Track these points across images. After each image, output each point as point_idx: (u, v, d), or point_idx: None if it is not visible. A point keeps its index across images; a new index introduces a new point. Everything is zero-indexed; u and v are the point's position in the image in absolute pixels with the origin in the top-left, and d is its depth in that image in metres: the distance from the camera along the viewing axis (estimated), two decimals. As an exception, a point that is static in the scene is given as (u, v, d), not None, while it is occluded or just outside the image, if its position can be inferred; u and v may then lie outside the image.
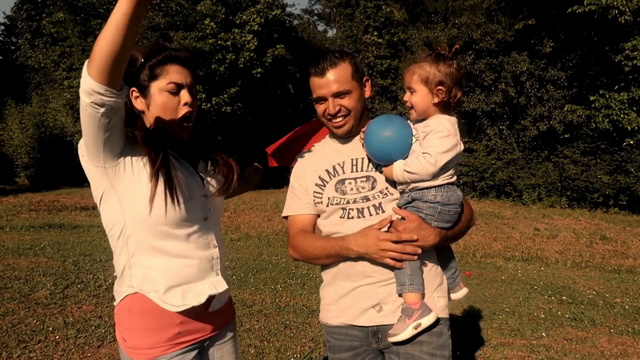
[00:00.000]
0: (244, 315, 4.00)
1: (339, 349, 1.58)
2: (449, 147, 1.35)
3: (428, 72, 1.39)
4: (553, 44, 12.80)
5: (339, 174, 1.58)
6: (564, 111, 12.59)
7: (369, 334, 1.52)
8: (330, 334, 1.60)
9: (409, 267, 1.40)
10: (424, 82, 1.40)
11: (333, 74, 1.50)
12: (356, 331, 1.53)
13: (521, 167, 13.20)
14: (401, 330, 1.38)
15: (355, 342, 1.55)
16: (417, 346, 1.44)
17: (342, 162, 1.59)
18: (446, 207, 1.40)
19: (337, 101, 1.52)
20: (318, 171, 1.61)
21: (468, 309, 4.37)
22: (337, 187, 1.56)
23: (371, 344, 1.53)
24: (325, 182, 1.59)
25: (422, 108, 1.42)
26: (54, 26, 19.20)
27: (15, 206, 11.26)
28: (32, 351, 3.13)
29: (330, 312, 1.59)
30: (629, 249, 7.60)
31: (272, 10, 17.88)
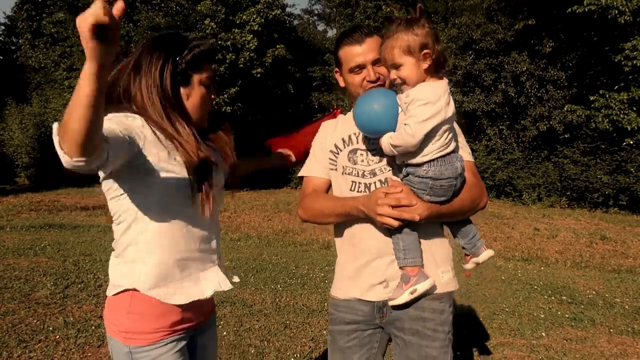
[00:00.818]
0: (244, 315, 4.01)
1: (340, 321, 1.62)
2: (428, 116, 1.28)
3: (407, 40, 1.31)
4: (553, 44, 12.81)
5: (353, 143, 1.61)
6: (564, 111, 12.59)
7: (374, 309, 1.56)
8: (336, 307, 1.64)
9: (402, 241, 1.43)
10: (407, 52, 1.32)
11: (370, 43, 1.51)
12: (362, 305, 1.57)
13: (521, 167, 13.20)
14: (398, 295, 1.43)
15: (358, 316, 1.59)
16: (420, 322, 1.50)
17: (357, 132, 1.60)
18: (438, 181, 1.35)
19: (375, 69, 1.52)
20: (335, 139, 1.65)
21: (468, 309, 4.37)
22: (349, 156, 1.59)
23: (375, 319, 1.56)
24: (339, 149, 1.63)
25: (414, 78, 1.34)
26: (54, 26, 19.22)
27: (15, 206, 11.26)
28: (33, 351, 3.13)
29: (341, 287, 1.63)
30: (628, 249, 7.60)
31: (272, 10, 17.89)
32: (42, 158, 19.64)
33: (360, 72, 1.54)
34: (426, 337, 1.49)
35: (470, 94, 13.78)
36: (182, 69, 1.36)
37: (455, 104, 1.41)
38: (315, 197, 1.62)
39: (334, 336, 1.63)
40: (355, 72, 1.54)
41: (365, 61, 1.51)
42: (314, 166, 1.69)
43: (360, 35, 1.52)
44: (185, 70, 1.36)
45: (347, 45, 1.54)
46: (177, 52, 1.36)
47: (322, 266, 5.78)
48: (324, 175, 1.67)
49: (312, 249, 7.01)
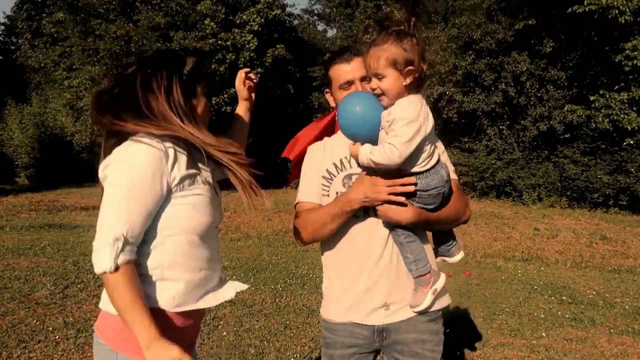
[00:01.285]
0: (244, 315, 4.00)
1: (340, 345, 1.60)
2: (412, 135, 1.30)
3: (395, 53, 1.30)
4: (553, 44, 12.80)
5: (346, 168, 1.61)
6: (564, 111, 12.59)
7: (375, 333, 1.56)
8: (332, 331, 1.62)
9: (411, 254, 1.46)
10: (392, 65, 1.31)
11: (358, 62, 1.56)
12: (362, 330, 1.56)
13: (521, 167, 13.20)
14: (422, 300, 1.45)
15: (359, 339, 1.58)
16: (420, 344, 1.54)
17: (349, 156, 1.61)
18: (426, 192, 1.38)
19: (363, 85, 1.56)
20: (326, 164, 1.64)
21: (468, 309, 4.37)
22: (344, 182, 1.59)
23: (374, 343, 1.56)
24: (332, 175, 1.62)
25: (394, 93, 1.33)
26: (54, 26, 19.21)
27: (15, 206, 11.26)
28: (32, 351, 3.13)
29: (337, 311, 1.61)
30: (629, 249, 7.60)
31: (272, 10, 17.88)
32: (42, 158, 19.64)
33: (349, 88, 1.59)
34: (425, 357, 1.54)
35: (470, 94, 13.77)
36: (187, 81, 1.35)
37: (455, 104, 1.44)
38: (308, 213, 1.61)
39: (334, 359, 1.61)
40: (344, 89, 1.59)
41: (353, 78, 1.57)
42: (309, 191, 1.65)
43: (349, 54, 1.59)
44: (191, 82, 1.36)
45: (337, 64, 1.61)
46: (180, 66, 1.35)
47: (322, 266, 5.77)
48: (317, 201, 1.64)
49: (312, 249, 7.01)
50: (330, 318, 1.63)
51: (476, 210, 11.51)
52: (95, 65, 17.33)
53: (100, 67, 17.21)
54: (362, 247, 1.54)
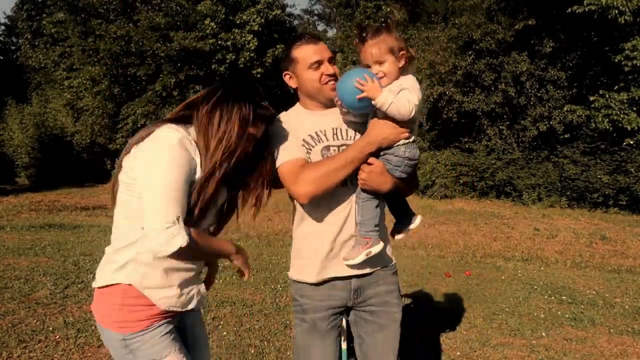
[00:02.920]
0: (244, 315, 4.01)
1: (320, 308, 1.70)
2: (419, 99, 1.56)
3: (390, 41, 1.57)
4: (553, 44, 12.79)
5: (323, 140, 1.66)
6: (564, 111, 12.58)
7: (351, 292, 1.70)
8: (309, 297, 1.71)
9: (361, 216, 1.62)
10: (390, 52, 1.56)
11: (322, 44, 1.69)
12: (339, 291, 1.70)
13: (521, 167, 13.19)
14: (356, 256, 1.61)
15: (336, 301, 1.70)
16: (389, 294, 1.76)
17: (323, 129, 1.67)
18: (411, 161, 1.62)
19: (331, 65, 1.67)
20: (301, 134, 1.66)
21: (468, 309, 4.37)
22: (323, 153, 1.64)
23: (349, 301, 1.72)
24: (311, 145, 1.66)
25: (394, 74, 1.58)
26: (54, 26, 19.21)
27: (15, 206, 11.27)
28: (32, 351, 3.14)
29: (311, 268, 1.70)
30: (628, 249, 7.60)
31: (272, 11, 17.89)
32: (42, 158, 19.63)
33: (318, 67, 1.65)
34: (393, 304, 1.77)
35: (470, 94, 13.76)
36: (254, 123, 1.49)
37: (455, 104, 1.55)
38: (311, 166, 1.59)
39: (315, 322, 1.70)
40: (314, 68, 1.64)
41: (322, 57, 1.65)
42: (294, 150, 1.63)
43: (312, 37, 1.70)
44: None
45: (304, 44, 1.67)
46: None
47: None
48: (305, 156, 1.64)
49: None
50: (305, 279, 1.71)
51: (476, 210, 11.51)
52: (95, 66, 17.33)
53: (101, 67, 17.21)
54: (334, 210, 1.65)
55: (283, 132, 1.66)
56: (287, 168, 1.60)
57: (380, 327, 1.74)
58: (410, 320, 4.08)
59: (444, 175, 13.61)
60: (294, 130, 1.67)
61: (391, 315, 1.76)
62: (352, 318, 1.79)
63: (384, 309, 1.75)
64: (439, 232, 8.96)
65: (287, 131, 1.66)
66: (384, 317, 1.74)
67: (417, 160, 1.67)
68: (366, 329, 1.76)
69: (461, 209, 11.64)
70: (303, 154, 1.63)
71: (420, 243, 7.88)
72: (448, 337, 3.68)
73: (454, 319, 4.09)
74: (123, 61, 17.07)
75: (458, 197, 13.36)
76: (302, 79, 1.69)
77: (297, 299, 1.77)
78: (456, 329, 3.87)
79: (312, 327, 1.71)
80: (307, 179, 1.55)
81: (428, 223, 9.79)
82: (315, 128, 1.67)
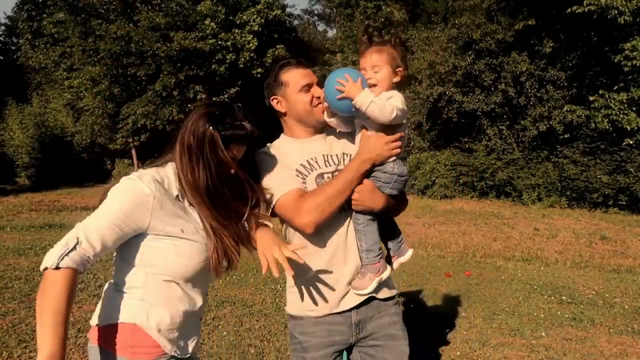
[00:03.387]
0: (244, 315, 4.01)
1: (320, 346, 1.62)
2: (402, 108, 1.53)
3: (392, 55, 1.59)
4: (553, 44, 12.79)
5: (315, 168, 1.63)
6: (564, 111, 12.58)
7: (352, 326, 1.63)
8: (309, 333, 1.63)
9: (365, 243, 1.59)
10: (389, 63, 1.57)
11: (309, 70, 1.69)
12: (340, 326, 1.62)
13: (521, 167, 13.19)
14: (367, 285, 1.57)
15: (337, 336, 1.62)
16: (393, 326, 1.68)
17: (314, 157, 1.64)
18: (400, 178, 1.60)
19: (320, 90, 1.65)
20: (293, 166, 1.63)
21: (468, 309, 4.37)
22: (317, 181, 1.61)
23: (351, 337, 1.64)
24: (304, 175, 1.62)
25: (386, 84, 1.57)
26: (54, 26, 19.21)
27: (15, 206, 11.28)
28: (33, 351, 3.14)
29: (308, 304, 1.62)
30: (628, 249, 7.60)
31: (272, 11, 17.90)
32: (43, 158, 19.65)
33: (309, 90, 1.64)
34: (398, 337, 1.68)
35: (470, 94, 13.75)
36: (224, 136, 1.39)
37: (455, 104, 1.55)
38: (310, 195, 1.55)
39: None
40: (305, 91, 1.63)
41: (312, 81, 1.65)
42: (290, 181, 1.58)
43: (300, 62, 1.69)
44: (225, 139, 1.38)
45: (294, 68, 1.66)
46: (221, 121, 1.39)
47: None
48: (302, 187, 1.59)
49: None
50: (304, 314, 1.64)
51: (476, 210, 11.51)
52: (95, 66, 17.34)
53: (101, 67, 17.22)
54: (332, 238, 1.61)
55: (275, 164, 1.62)
56: (287, 200, 1.55)
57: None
58: (410, 320, 4.08)
59: (444, 175, 13.61)
60: (285, 160, 1.62)
61: (398, 349, 1.66)
62: (357, 356, 1.70)
63: (390, 342, 1.66)
64: (439, 232, 8.96)
65: (278, 163, 1.62)
66: (391, 351, 1.65)
67: (406, 177, 1.65)
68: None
69: (461, 209, 11.65)
70: (300, 184, 1.59)
71: (420, 243, 7.88)
72: (448, 337, 3.68)
73: (454, 319, 4.09)
74: (123, 61, 17.08)
75: (458, 197, 13.36)
76: (292, 103, 1.65)
77: (296, 336, 1.67)
78: (456, 329, 3.87)
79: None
80: (309, 208, 1.50)
81: (428, 223, 9.80)
82: (306, 157, 1.64)
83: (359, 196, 1.54)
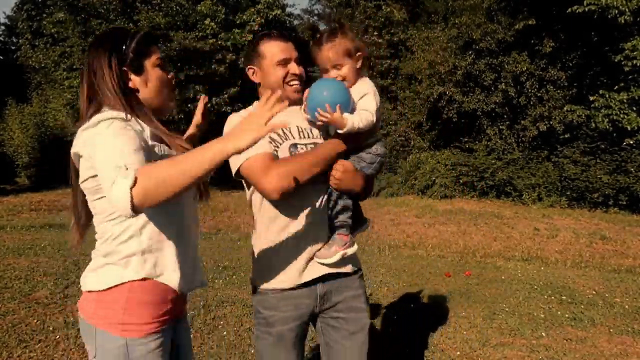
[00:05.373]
0: (244, 315, 4.01)
1: (287, 320, 1.61)
2: (377, 102, 1.58)
3: (346, 44, 1.57)
4: (553, 44, 12.79)
5: (289, 138, 1.61)
6: (564, 111, 12.58)
7: (317, 299, 1.64)
8: (274, 308, 1.61)
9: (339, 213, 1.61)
10: (347, 55, 1.57)
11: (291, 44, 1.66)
12: (305, 298, 1.62)
13: (521, 167, 13.19)
14: (331, 255, 1.59)
15: (302, 309, 1.63)
16: (357, 299, 1.70)
17: (288, 127, 1.62)
18: (382, 158, 1.65)
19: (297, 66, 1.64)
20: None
21: (468, 309, 4.37)
22: (290, 150, 1.59)
23: (315, 308, 1.65)
24: (277, 143, 1.60)
25: (352, 77, 1.59)
26: (54, 26, 19.20)
27: (15, 206, 11.27)
28: (33, 351, 3.14)
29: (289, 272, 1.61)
30: (628, 249, 7.60)
31: (272, 11, 17.88)
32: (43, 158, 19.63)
33: (285, 65, 1.62)
34: (361, 309, 1.71)
35: (470, 94, 13.75)
36: (131, 58, 1.38)
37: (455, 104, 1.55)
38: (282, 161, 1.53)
39: (282, 335, 1.61)
40: (281, 65, 1.61)
41: (290, 56, 1.63)
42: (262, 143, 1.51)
43: (282, 34, 1.67)
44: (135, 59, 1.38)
45: (273, 40, 1.63)
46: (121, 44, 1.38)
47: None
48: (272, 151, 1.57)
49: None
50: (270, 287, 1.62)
51: (476, 210, 11.51)
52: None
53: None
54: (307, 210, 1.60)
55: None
56: (255, 162, 1.50)
57: (349, 333, 1.68)
58: (410, 320, 4.08)
59: (444, 175, 13.61)
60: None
61: (360, 321, 1.70)
62: (318, 325, 1.73)
63: (352, 315, 1.69)
64: (439, 232, 8.96)
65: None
66: (352, 323, 1.69)
67: (384, 158, 1.68)
68: (334, 336, 1.70)
69: (461, 209, 11.64)
70: (271, 149, 1.56)
71: (420, 243, 7.88)
72: (448, 337, 3.68)
73: (454, 319, 4.09)
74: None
75: (458, 197, 13.36)
76: (266, 75, 1.64)
77: (260, 311, 1.65)
78: (456, 329, 3.87)
79: (279, 340, 1.61)
80: (279, 173, 1.46)
81: (428, 223, 9.80)
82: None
83: (343, 176, 1.55)
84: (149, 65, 1.41)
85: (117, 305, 1.31)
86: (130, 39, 1.38)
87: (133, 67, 1.39)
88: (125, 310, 1.31)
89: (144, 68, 1.41)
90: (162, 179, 1.08)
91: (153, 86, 1.43)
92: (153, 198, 1.08)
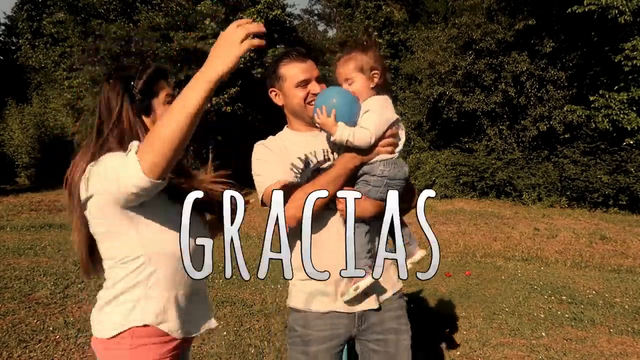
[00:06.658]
0: (244, 315, 4.01)
1: (321, 340, 1.58)
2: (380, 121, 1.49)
3: (361, 60, 1.53)
4: (553, 44, 12.79)
5: (312, 162, 1.59)
6: (564, 111, 12.58)
7: (355, 320, 1.59)
8: (311, 327, 1.59)
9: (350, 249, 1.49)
10: (360, 70, 1.53)
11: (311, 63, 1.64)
12: (343, 319, 1.59)
13: (521, 167, 13.19)
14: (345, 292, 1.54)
15: (339, 330, 1.59)
16: (397, 320, 1.66)
17: (313, 151, 1.60)
18: (393, 181, 1.52)
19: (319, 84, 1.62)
20: (289, 159, 1.59)
21: (468, 309, 4.37)
22: (314, 176, 1.56)
23: (352, 329, 1.60)
24: (299, 169, 1.58)
25: (363, 93, 1.54)
26: (54, 26, 19.21)
27: (15, 206, 11.27)
28: (33, 351, 3.14)
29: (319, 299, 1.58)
30: (628, 249, 7.60)
31: (272, 11, 17.90)
32: (43, 158, 19.63)
33: (305, 86, 1.61)
34: (402, 331, 1.67)
35: (470, 94, 13.75)
36: (139, 99, 1.37)
37: (455, 104, 1.49)
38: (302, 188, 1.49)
39: (317, 355, 1.58)
40: (301, 87, 1.60)
41: (311, 76, 1.62)
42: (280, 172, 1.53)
43: (301, 55, 1.65)
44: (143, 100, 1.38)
45: (292, 62, 1.62)
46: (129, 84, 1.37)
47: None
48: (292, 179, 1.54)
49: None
50: (308, 308, 1.60)
51: (476, 210, 11.51)
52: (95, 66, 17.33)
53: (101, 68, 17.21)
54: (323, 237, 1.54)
55: (268, 155, 1.61)
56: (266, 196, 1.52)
57: (390, 356, 1.63)
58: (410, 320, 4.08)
59: (444, 175, 13.62)
60: (282, 153, 1.60)
61: (400, 343, 1.65)
62: (358, 348, 1.68)
63: (392, 336, 1.64)
64: (439, 232, 8.96)
65: (272, 154, 1.60)
66: (393, 345, 1.63)
67: (402, 180, 1.55)
68: (374, 358, 1.64)
69: (461, 209, 11.64)
70: (290, 176, 1.55)
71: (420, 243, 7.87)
72: (448, 337, 3.68)
73: (454, 319, 4.09)
74: (123, 61, 17.07)
75: (458, 197, 13.36)
76: (288, 97, 1.64)
77: (296, 329, 1.62)
78: (456, 329, 3.87)
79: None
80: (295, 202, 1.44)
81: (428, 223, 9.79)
82: (305, 150, 1.60)
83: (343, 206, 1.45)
84: (157, 105, 1.41)
85: (123, 348, 1.33)
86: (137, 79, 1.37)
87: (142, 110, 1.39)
88: (132, 352, 1.33)
89: (152, 109, 1.41)
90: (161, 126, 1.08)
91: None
92: (160, 150, 1.07)
